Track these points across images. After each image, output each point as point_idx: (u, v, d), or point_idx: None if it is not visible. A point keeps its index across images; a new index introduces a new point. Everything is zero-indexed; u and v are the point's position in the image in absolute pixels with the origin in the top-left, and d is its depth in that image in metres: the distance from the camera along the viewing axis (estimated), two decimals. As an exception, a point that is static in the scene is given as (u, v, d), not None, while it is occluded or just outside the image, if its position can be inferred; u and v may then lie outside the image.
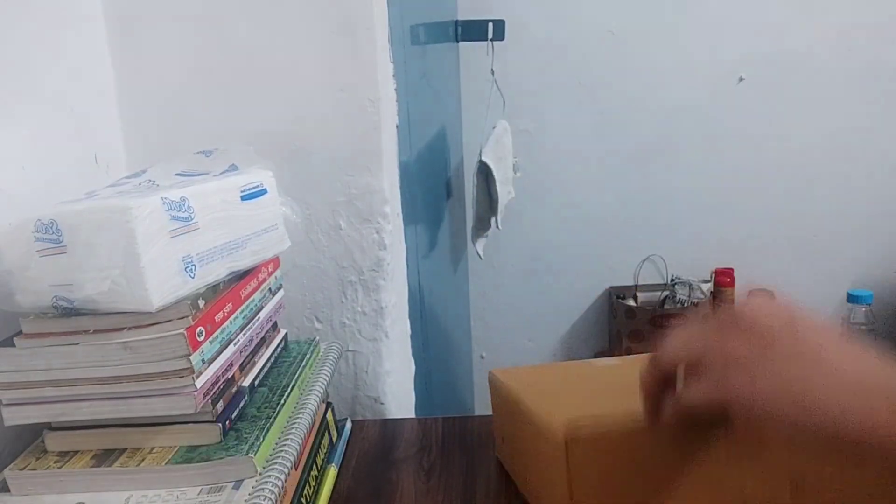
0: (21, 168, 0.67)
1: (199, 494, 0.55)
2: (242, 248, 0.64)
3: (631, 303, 2.03)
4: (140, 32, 0.83)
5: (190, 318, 0.55)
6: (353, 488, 0.74)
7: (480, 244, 1.66)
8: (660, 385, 0.43)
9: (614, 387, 0.54)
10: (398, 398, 0.98)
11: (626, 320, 1.97)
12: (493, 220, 1.62)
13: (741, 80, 1.99)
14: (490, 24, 1.61)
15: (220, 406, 0.60)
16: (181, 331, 0.55)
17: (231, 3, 0.82)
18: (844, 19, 1.93)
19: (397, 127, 0.93)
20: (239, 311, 0.65)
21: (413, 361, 1.04)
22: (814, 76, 1.97)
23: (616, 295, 2.07)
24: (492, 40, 1.62)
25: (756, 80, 1.99)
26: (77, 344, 0.56)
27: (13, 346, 0.56)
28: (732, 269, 1.91)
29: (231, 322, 0.63)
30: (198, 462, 0.57)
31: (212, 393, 0.58)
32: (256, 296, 0.69)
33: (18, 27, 0.68)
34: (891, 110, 2.00)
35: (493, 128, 1.60)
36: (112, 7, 0.82)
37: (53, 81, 0.73)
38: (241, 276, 0.66)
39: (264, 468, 0.58)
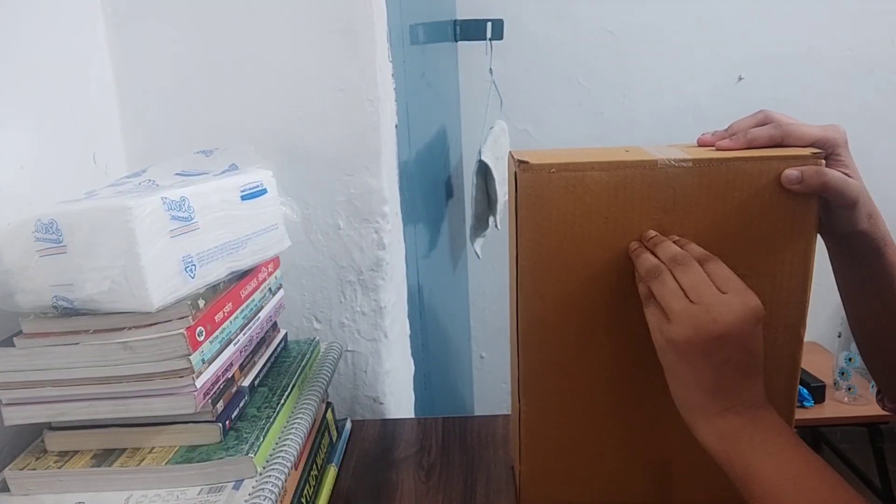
0: (21, 168, 0.67)
1: (199, 494, 0.55)
2: (242, 247, 0.64)
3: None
4: (140, 32, 0.83)
5: (190, 317, 0.55)
6: (353, 488, 0.74)
7: (478, 244, 1.66)
8: None
9: None
10: (398, 398, 0.98)
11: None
12: (491, 219, 1.61)
13: (740, 79, 1.99)
14: (489, 24, 1.61)
15: (220, 406, 0.60)
16: (181, 331, 0.55)
17: (231, 3, 0.82)
18: (844, 19, 1.94)
19: (396, 127, 0.93)
20: (239, 311, 0.65)
21: (412, 361, 1.04)
22: (813, 76, 1.97)
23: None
24: (490, 40, 1.62)
25: (756, 80, 1.99)
26: (77, 344, 0.56)
27: (13, 346, 0.56)
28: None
29: (231, 322, 0.63)
30: (198, 462, 0.57)
31: (212, 393, 0.58)
32: (256, 296, 0.69)
33: (18, 27, 0.68)
34: (891, 110, 2.00)
35: (491, 128, 1.60)
36: (111, 7, 0.82)
37: (53, 81, 0.73)
38: (241, 276, 0.66)
39: (264, 468, 0.58)
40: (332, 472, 0.74)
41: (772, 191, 0.55)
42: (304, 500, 0.65)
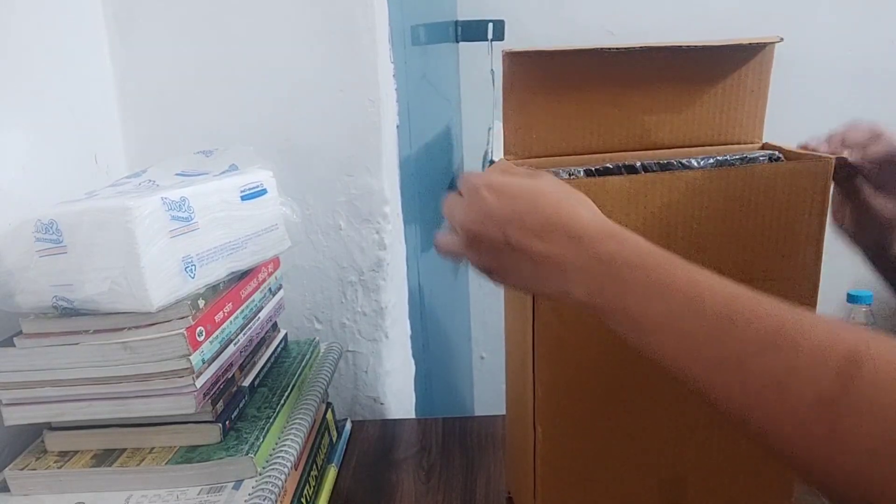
0: (21, 168, 0.67)
1: (199, 494, 0.55)
2: (242, 248, 0.64)
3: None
4: (140, 33, 0.83)
5: (190, 318, 0.55)
6: (353, 488, 0.74)
7: None
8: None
9: None
10: (398, 398, 0.98)
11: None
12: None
13: (741, 80, 1.99)
14: (490, 25, 1.61)
15: (220, 406, 0.60)
16: (181, 331, 0.55)
17: (232, 3, 0.82)
18: (844, 19, 1.93)
19: (397, 127, 0.93)
20: (239, 311, 0.65)
21: (413, 362, 1.04)
22: (812, 76, 1.97)
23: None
24: (492, 41, 1.61)
25: (756, 81, 1.98)
26: (77, 344, 0.56)
27: (13, 346, 0.56)
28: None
29: (231, 322, 0.63)
30: (198, 462, 0.57)
31: (212, 393, 0.58)
32: (256, 296, 0.69)
33: (18, 27, 0.68)
34: (890, 111, 2.00)
35: (489, 129, 1.60)
36: (112, 7, 0.82)
37: (53, 81, 0.73)
38: (241, 277, 0.66)
39: (264, 468, 0.58)
40: (332, 473, 0.74)
41: (787, 193, 0.54)
42: (304, 501, 0.65)
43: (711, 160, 0.56)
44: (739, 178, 0.54)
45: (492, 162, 1.51)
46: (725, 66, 0.61)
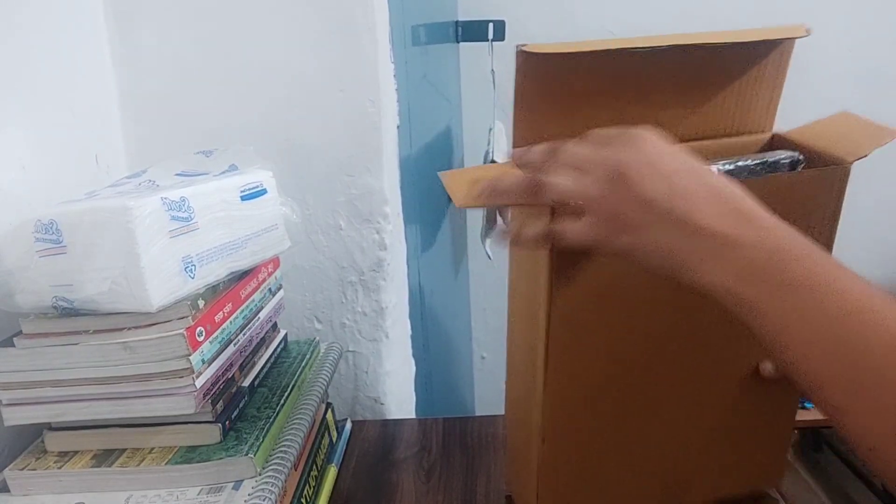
0: (21, 168, 0.67)
1: (199, 494, 0.55)
2: (242, 248, 0.64)
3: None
4: (140, 33, 0.83)
5: (190, 318, 0.55)
6: (353, 488, 0.74)
7: (489, 244, 1.66)
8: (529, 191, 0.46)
9: None
10: (398, 399, 0.98)
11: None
12: (500, 218, 1.62)
13: (742, 80, 1.99)
14: (490, 25, 1.61)
15: (220, 406, 0.60)
16: (181, 331, 0.55)
17: (231, 3, 0.82)
18: (845, 19, 1.93)
19: (397, 127, 0.93)
20: (239, 311, 0.65)
21: (413, 362, 1.04)
22: (813, 76, 1.97)
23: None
24: (492, 41, 1.61)
25: (756, 81, 1.98)
26: (77, 344, 0.56)
27: (13, 346, 0.56)
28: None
29: (231, 322, 0.63)
30: (198, 462, 0.57)
31: (212, 393, 0.58)
32: (256, 296, 0.69)
33: (18, 27, 0.68)
34: (891, 111, 2.00)
35: (490, 129, 1.60)
36: (112, 7, 0.82)
37: (53, 81, 0.73)
38: (241, 277, 0.66)
39: (264, 468, 0.58)
40: (332, 473, 0.74)
41: (802, 200, 0.54)
42: (304, 501, 0.65)
43: (731, 165, 0.55)
44: (756, 188, 0.53)
45: (493, 162, 1.51)
46: (747, 59, 0.60)
